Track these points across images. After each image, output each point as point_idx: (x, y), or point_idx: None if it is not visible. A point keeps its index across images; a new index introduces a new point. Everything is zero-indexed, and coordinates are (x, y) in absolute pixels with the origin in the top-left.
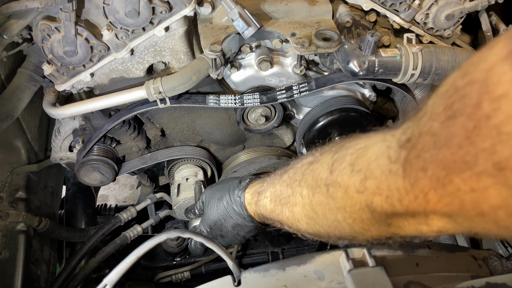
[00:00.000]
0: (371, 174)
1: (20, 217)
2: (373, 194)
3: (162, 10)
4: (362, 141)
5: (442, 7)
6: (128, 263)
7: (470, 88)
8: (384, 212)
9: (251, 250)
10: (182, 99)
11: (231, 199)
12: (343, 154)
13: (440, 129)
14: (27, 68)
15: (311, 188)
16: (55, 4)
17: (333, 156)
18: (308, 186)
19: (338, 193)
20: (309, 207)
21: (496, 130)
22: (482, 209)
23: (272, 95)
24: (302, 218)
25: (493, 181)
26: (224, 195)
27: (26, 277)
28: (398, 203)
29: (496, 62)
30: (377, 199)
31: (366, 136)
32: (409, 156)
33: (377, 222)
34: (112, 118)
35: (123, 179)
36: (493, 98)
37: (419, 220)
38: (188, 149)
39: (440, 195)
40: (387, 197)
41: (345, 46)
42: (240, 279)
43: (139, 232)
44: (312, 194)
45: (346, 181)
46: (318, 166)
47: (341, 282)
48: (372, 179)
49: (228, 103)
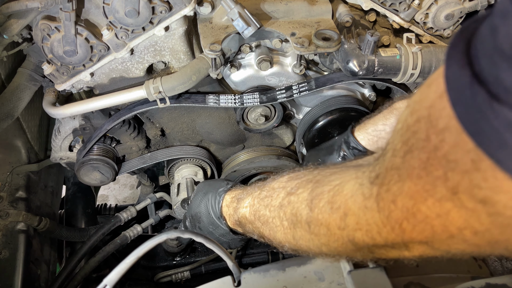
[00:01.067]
0: (350, 210)
1: (20, 217)
2: (354, 230)
3: (162, 9)
4: (337, 177)
5: (442, 7)
6: (128, 263)
7: (418, 125)
8: (366, 245)
9: (251, 250)
10: (182, 98)
11: (213, 197)
12: (320, 191)
13: (401, 163)
14: (27, 68)
15: (291, 222)
16: (55, 3)
17: (311, 193)
18: (288, 219)
19: (321, 230)
20: (291, 238)
21: (444, 159)
22: (451, 231)
23: (272, 94)
24: (284, 244)
25: (452, 205)
26: (209, 191)
27: (26, 276)
28: (378, 235)
29: (435, 99)
30: (358, 234)
31: (339, 170)
32: (380, 191)
33: (361, 251)
34: (112, 118)
35: (123, 179)
36: (437, 132)
37: (400, 249)
38: (188, 149)
39: (413, 224)
40: (367, 231)
41: (345, 45)
42: (240, 280)
43: (139, 231)
44: (293, 228)
45: (327, 218)
46: (296, 200)
47: (341, 283)
48: (351, 216)
49: (227, 103)
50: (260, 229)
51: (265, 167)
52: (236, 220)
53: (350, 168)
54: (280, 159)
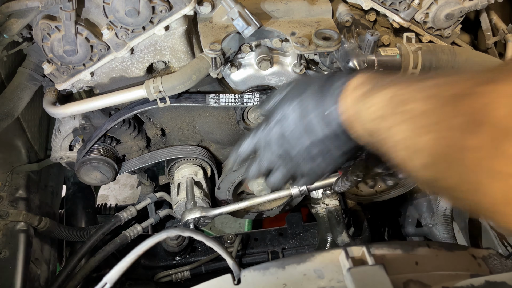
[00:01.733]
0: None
1: (20, 216)
2: None
3: (162, 9)
4: None
5: (442, 7)
6: (128, 261)
7: None
8: None
9: (251, 249)
10: (182, 98)
11: (340, 76)
12: None
13: None
14: (27, 67)
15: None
16: (55, 3)
17: None
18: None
19: None
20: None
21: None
22: None
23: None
24: (431, 151)
25: None
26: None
27: (26, 276)
28: None
29: None
30: None
31: None
32: None
33: None
34: (112, 117)
35: (123, 179)
36: None
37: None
38: (188, 148)
39: None
40: None
41: (345, 45)
42: (240, 278)
43: (139, 231)
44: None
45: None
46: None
47: (341, 281)
48: None
49: (228, 103)
50: (392, 124)
51: None
52: (355, 114)
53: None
54: None
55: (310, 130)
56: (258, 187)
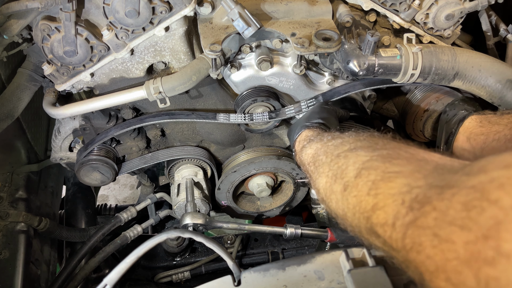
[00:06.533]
0: (384, 207)
1: (20, 217)
2: (376, 224)
3: (162, 10)
4: (400, 164)
5: (442, 7)
6: (128, 262)
7: None
8: (378, 242)
9: (251, 250)
10: (193, 115)
11: (298, 127)
12: (376, 166)
13: None
14: (27, 68)
15: (334, 175)
16: (55, 4)
17: (367, 163)
18: (333, 171)
19: (350, 200)
20: (328, 189)
21: None
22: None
23: (281, 112)
24: (320, 191)
25: None
26: (306, 116)
27: (26, 277)
28: (390, 241)
29: None
30: (378, 229)
31: (410, 157)
32: (416, 223)
33: (370, 238)
34: (120, 125)
35: (123, 179)
36: None
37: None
38: (188, 149)
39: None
40: (384, 234)
41: (345, 46)
42: (240, 279)
43: (139, 232)
44: (334, 181)
45: (362, 196)
46: (351, 159)
47: (341, 282)
48: (380, 211)
49: (237, 120)
50: (311, 172)
51: (265, 167)
52: (299, 158)
53: (420, 162)
54: (281, 160)
55: None
56: (258, 187)
